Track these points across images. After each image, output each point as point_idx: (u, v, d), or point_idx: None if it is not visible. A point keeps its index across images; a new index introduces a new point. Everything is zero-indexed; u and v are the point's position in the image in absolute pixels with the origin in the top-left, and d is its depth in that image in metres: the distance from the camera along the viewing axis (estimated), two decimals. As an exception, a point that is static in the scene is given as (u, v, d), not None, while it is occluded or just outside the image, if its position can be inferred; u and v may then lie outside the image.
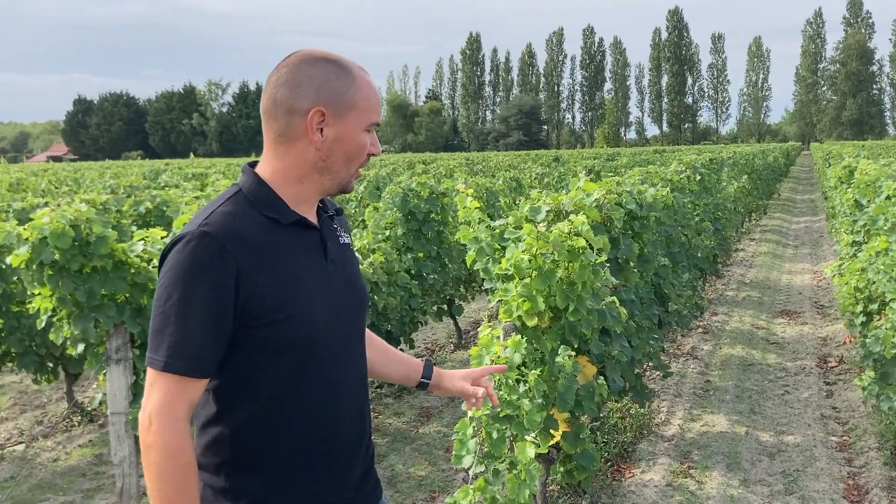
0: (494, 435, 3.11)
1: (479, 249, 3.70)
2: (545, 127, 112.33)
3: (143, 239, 4.09)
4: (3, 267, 4.85)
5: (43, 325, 3.94)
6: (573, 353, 3.38)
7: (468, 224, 3.74)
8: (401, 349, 3.76)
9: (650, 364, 5.51)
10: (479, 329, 3.59)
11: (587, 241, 3.37)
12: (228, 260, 1.49)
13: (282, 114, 1.59)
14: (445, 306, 7.23)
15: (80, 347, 3.86)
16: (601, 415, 5.37)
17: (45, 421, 5.85)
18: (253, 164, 1.68)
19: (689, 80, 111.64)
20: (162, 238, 4.22)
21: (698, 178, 8.47)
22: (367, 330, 1.93)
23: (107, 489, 4.65)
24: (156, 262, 4.10)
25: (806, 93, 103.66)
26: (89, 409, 5.88)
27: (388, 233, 6.26)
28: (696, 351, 7.43)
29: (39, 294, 3.81)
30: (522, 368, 3.35)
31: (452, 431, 3.33)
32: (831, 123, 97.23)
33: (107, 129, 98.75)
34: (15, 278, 4.87)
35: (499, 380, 3.18)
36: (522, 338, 3.27)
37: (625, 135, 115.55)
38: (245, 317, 1.52)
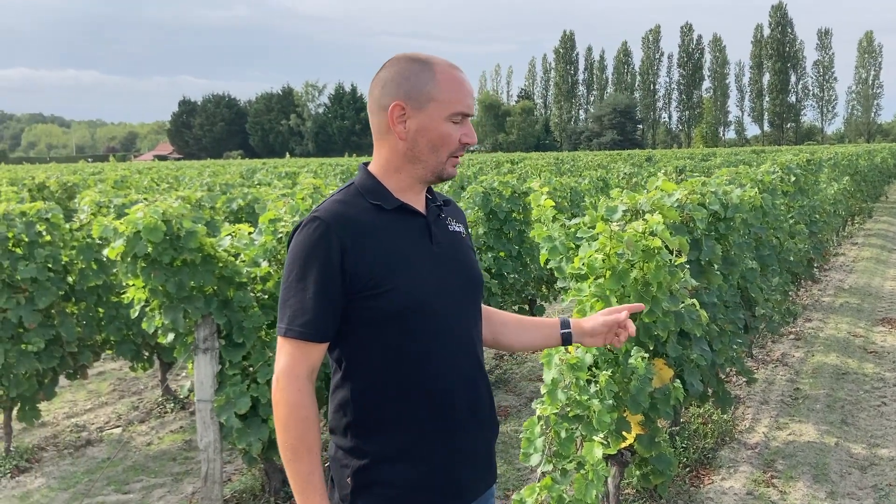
0: (563, 434, 3.10)
1: (553, 248, 3.69)
2: (640, 126, 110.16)
3: (230, 234, 4.27)
4: (104, 260, 5.14)
5: (136, 314, 4.16)
6: (646, 355, 3.34)
7: (542, 222, 3.73)
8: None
9: (734, 369, 5.35)
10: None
11: (663, 241, 3.32)
12: (333, 240, 1.69)
13: (376, 112, 1.79)
14: (527, 306, 7.22)
15: (170, 336, 4.06)
16: (682, 420, 5.27)
17: (141, 407, 6.17)
18: (367, 164, 1.86)
19: (793, 78, 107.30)
20: (249, 233, 4.39)
21: (793, 178, 8.15)
22: (498, 310, 2.12)
23: (194, 473, 4.87)
24: (243, 256, 4.28)
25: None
26: (181, 396, 6.16)
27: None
28: (786, 358, 7.16)
29: (133, 285, 4.02)
30: (594, 369, 3.33)
31: (523, 429, 3.33)
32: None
33: (209, 129, 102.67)
34: (114, 270, 5.15)
35: (568, 380, 3.17)
36: (595, 338, 3.25)
37: (723, 135, 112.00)
38: (353, 289, 1.70)
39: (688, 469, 4.74)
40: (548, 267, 3.74)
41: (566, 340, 2.08)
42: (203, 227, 4.04)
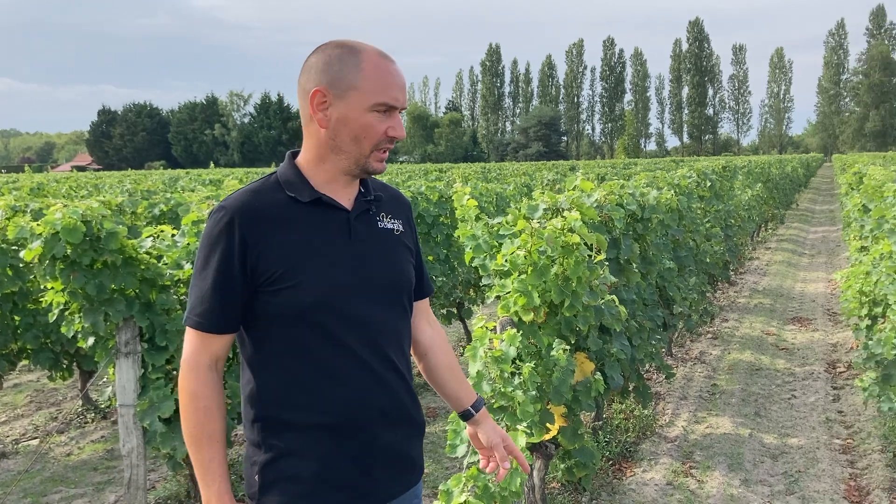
0: (488, 425, 3.17)
1: (477, 246, 3.78)
2: (565, 138, 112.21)
3: (152, 235, 4.21)
4: (20, 266, 4.99)
5: (55, 318, 4.06)
6: (567, 348, 3.44)
7: (465, 222, 3.82)
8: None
9: (653, 365, 5.54)
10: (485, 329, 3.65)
11: (581, 237, 3.44)
12: (236, 231, 1.66)
13: (301, 98, 1.74)
14: (455, 309, 7.30)
15: (91, 340, 3.97)
16: (604, 415, 5.42)
17: (60, 417, 5.98)
18: (295, 153, 1.82)
19: (710, 92, 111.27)
20: (172, 235, 4.34)
21: (708, 184, 8.49)
22: (445, 342, 2.07)
23: (117, 482, 4.76)
24: (165, 258, 4.22)
25: (828, 104, 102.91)
26: (103, 406, 6.00)
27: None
28: (704, 355, 7.44)
29: (52, 288, 3.92)
30: (517, 362, 3.41)
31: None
32: (854, 135, 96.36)
33: (130, 139, 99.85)
34: (31, 276, 5.01)
35: (492, 373, 3.25)
36: (518, 332, 3.34)
37: (645, 146, 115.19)
38: (255, 282, 1.68)
39: (611, 462, 4.88)
40: (472, 265, 3.82)
41: (466, 416, 2.04)
42: (124, 229, 3.97)
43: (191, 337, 1.71)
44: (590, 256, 3.66)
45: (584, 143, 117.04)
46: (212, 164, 24.26)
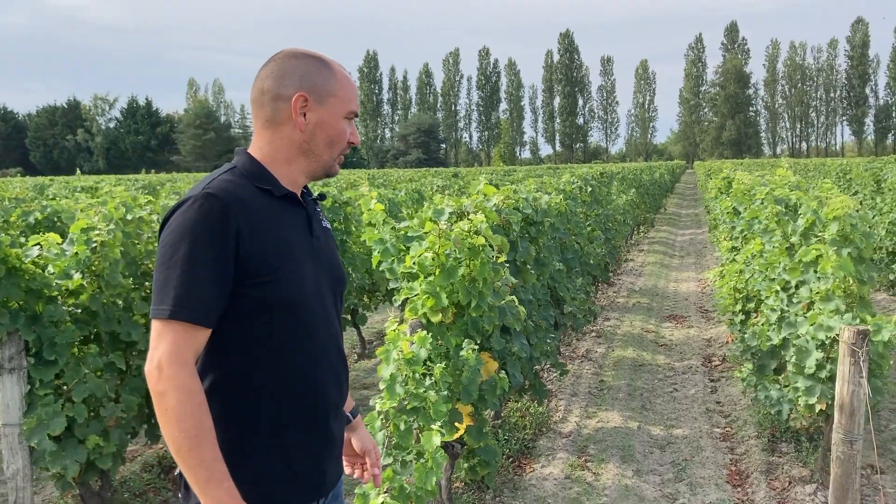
0: (402, 427, 3.20)
1: (385, 250, 3.80)
2: (443, 145, 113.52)
3: (38, 244, 3.99)
4: None
5: (-71, 334, 3.77)
6: (476, 348, 3.52)
7: (373, 226, 3.83)
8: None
9: (548, 363, 5.72)
10: (385, 334, 3.67)
11: (486, 239, 3.53)
12: (230, 218, 1.62)
13: (269, 101, 1.76)
14: (349, 316, 7.27)
15: (-30, 357, 3.72)
16: (502, 414, 5.55)
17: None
18: (245, 149, 1.81)
19: (580, 102, 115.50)
20: (59, 244, 4.13)
21: (589, 189, 8.84)
22: None
23: (-4, 507, 4.46)
24: (52, 268, 4.01)
25: (689, 114, 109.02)
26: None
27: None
28: (590, 353, 7.74)
29: (-74, 301, 3.65)
30: (428, 363, 3.46)
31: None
32: (712, 143, 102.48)
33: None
34: None
35: (405, 374, 3.28)
36: (428, 333, 3.39)
37: (520, 154, 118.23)
38: (241, 275, 1.64)
39: (510, 460, 5.01)
40: (380, 269, 3.84)
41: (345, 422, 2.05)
42: (7, 237, 3.75)
43: (174, 332, 1.58)
44: (493, 258, 3.75)
45: (463, 151, 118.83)
46: (78, 171, 23.02)
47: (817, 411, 4.18)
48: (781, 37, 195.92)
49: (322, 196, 1.98)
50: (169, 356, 1.56)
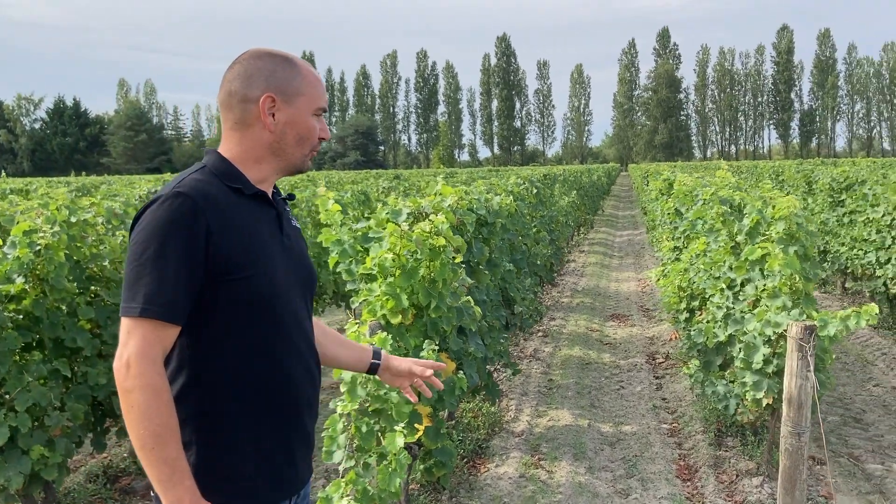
0: (364, 429, 3.18)
1: (342, 251, 3.77)
2: (382, 147, 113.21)
3: (-23, 247, 3.83)
4: None
5: None
6: (436, 348, 3.52)
7: (329, 227, 3.79)
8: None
9: (501, 363, 5.75)
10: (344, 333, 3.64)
11: (447, 240, 3.53)
12: (200, 217, 1.63)
13: (237, 103, 1.77)
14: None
15: None
16: (456, 414, 5.56)
17: None
18: (215, 150, 1.83)
19: (518, 105, 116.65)
20: (0, 247, 3.97)
21: (535, 191, 8.94)
22: (318, 318, 2.13)
23: (-69, 524, 4.26)
24: (-9, 272, 3.85)
25: (623, 118, 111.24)
26: None
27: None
28: (538, 353, 7.81)
29: None
30: (388, 364, 3.44)
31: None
32: (646, 146, 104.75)
33: None
34: None
35: (366, 376, 3.26)
36: (388, 335, 3.37)
37: (458, 156, 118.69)
38: (212, 272, 1.65)
39: (465, 460, 5.02)
40: (337, 270, 3.80)
41: (373, 369, 2.20)
42: (-56, 240, 3.59)
43: (143, 330, 1.60)
44: (452, 258, 3.76)
45: (401, 153, 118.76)
46: (3, 174, 22.17)
47: (764, 405, 4.30)
48: (711, 42, 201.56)
49: (291, 196, 1.99)
50: (137, 354, 1.58)
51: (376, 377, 3.32)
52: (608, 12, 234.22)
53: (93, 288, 4.37)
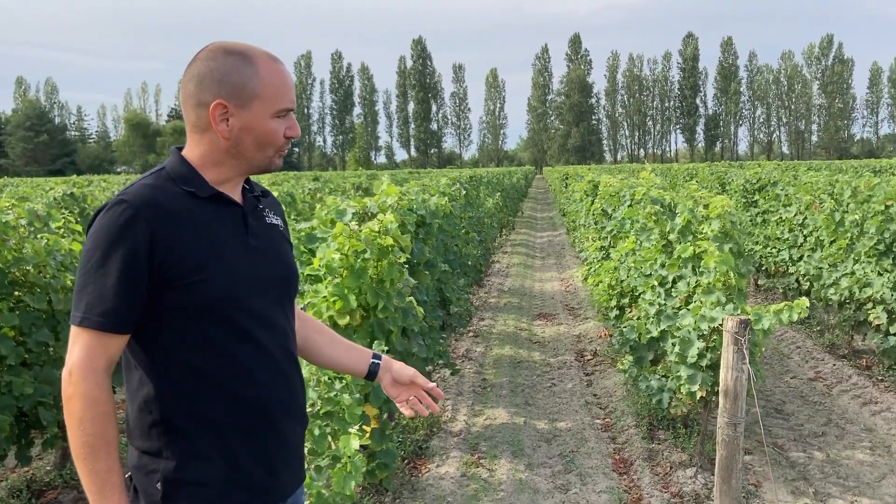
0: (316, 432, 3.13)
1: (287, 252, 3.70)
2: (297, 150, 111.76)
3: None
4: None
5: None
6: (386, 349, 3.50)
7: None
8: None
9: (440, 363, 5.76)
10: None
11: (395, 239, 3.51)
12: (141, 225, 1.59)
13: (191, 107, 1.70)
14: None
15: None
16: (395, 416, 5.53)
17: None
18: (180, 148, 1.76)
19: (434, 108, 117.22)
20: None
21: (464, 192, 8.99)
22: (313, 318, 2.06)
23: None
24: None
25: (537, 122, 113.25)
26: None
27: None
28: (470, 353, 7.86)
29: None
30: (337, 366, 3.40)
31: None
32: (559, 150, 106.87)
33: None
34: None
35: (317, 378, 3.21)
36: (336, 336, 3.32)
37: (375, 159, 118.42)
38: (162, 278, 1.61)
39: (406, 461, 5.00)
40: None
41: (372, 372, 2.06)
42: None
43: (86, 339, 1.59)
44: (399, 258, 3.74)
45: (317, 155, 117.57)
46: None
47: (698, 398, 4.45)
48: (621, 49, 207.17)
49: (266, 192, 1.90)
50: (79, 363, 1.59)
51: (327, 378, 3.29)
52: (522, 17, 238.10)
53: (16, 293, 4.16)
